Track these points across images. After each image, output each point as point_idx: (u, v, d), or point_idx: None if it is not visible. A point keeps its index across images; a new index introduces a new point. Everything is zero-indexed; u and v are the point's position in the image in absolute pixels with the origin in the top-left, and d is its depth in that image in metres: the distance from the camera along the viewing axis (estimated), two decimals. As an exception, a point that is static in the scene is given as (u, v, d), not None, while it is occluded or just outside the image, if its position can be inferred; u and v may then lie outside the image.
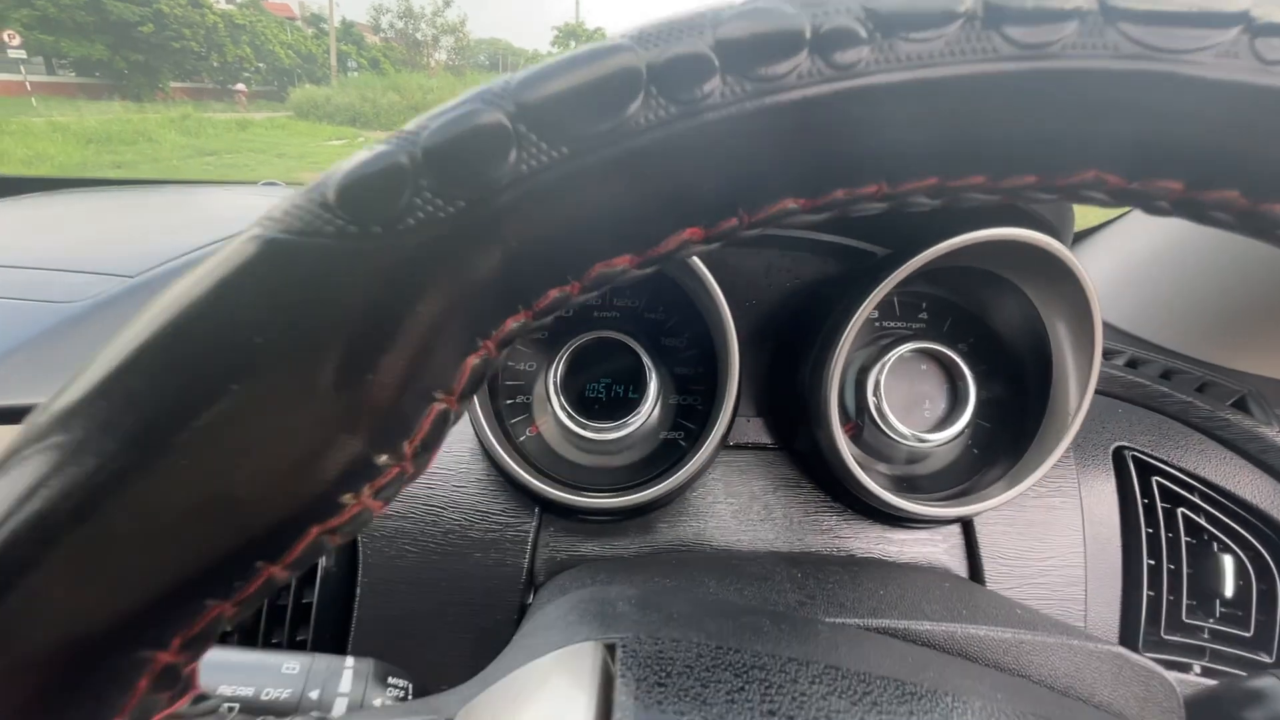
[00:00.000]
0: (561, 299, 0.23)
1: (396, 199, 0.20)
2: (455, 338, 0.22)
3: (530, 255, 0.22)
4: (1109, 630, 0.74)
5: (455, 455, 0.71)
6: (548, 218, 0.21)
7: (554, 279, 0.23)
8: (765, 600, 0.48)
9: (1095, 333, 0.62)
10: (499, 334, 0.23)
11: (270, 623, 0.65)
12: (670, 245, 0.23)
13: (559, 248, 0.22)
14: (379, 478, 0.22)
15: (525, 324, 0.23)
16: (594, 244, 0.22)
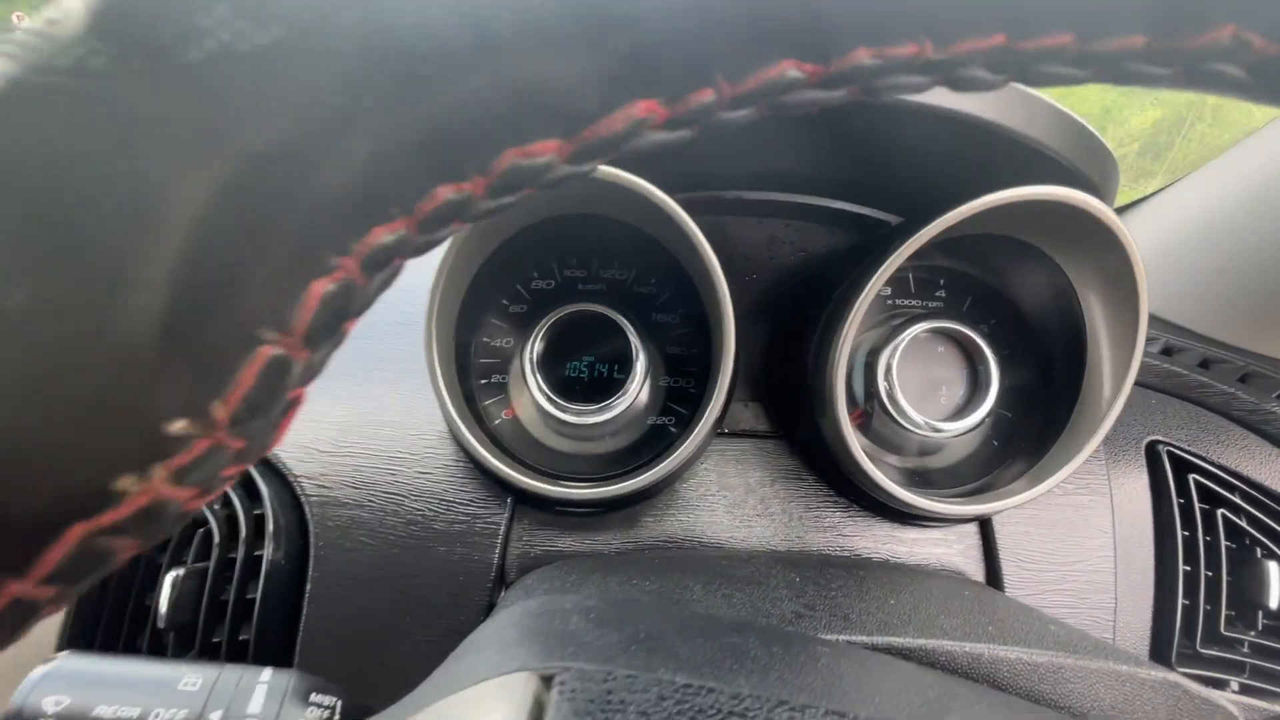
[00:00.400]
0: (458, 203, 0.16)
1: (179, 18, 0.13)
2: (288, 248, 0.15)
3: (401, 127, 0.15)
4: (1139, 642, 0.67)
5: (421, 437, 0.65)
6: (426, 71, 0.15)
7: (441, 170, 0.16)
8: (757, 610, 0.41)
9: (1140, 313, 0.54)
10: (364, 249, 0.16)
11: (211, 620, 0.59)
12: (617, 125, 0.16)
13: (446, 119, 0.15)
14: (176, 453, 0.15)
15: (406, 238, 0.16)
16: (499, 118, 0.15)
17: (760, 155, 0.62)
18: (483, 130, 0.15)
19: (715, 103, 0.16)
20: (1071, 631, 0.43)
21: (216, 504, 0.62)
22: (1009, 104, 0.50)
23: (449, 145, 0.15)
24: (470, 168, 0.15)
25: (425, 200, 0.16)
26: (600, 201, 0.58)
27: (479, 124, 0.15)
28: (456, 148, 0.15)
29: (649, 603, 0.34)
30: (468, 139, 0.15)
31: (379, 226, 0.16)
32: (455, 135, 0.15)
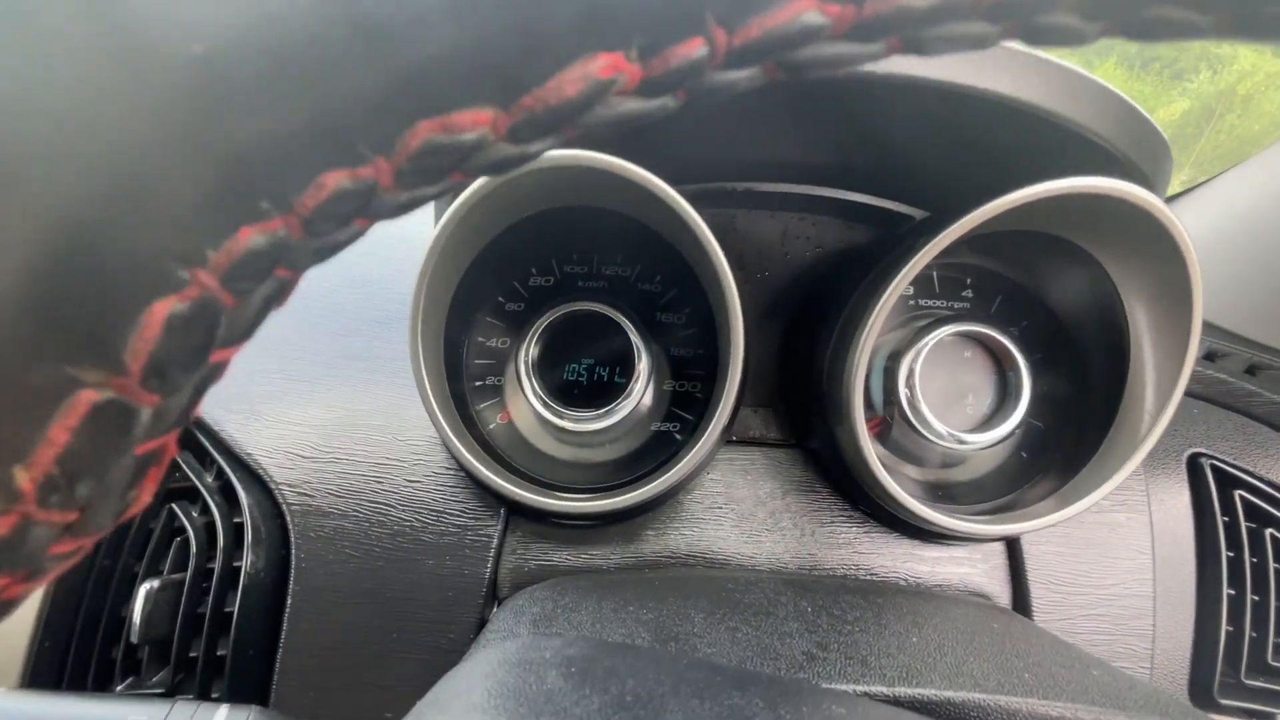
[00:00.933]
0: (356, 194, 0.12)
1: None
2: (107, 258, 0.11)
3: (262, 92, 0.11)
4: (1179, 672, 0.62)
5: (410, 443, 0.61)
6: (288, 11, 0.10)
7: (327, 150, 0.11)
8: (764, 650, 0.37)
9: (1193, 321, 0.49)
10: (226, 258, 0.12)
11: (187, 634, 0.56)
12: (570, 89, 0.12)
13: (326, 80, 0.11)
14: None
15: (287, 241, 0.12)
16: (402, 78, 0.11)
17: (773, 143, 0.57)
18: (380, 95, 0.11)
19: (707, 58, 0.12)
20: (1116, 677, 0.38)
21: (195, 511, 0.59)
22: (1048, 82, 0.44)
23: (338, 117, 0.11)
24: (368, 146, 0.11)
25: (309, 191, 0.11)
26: (599, 193, 0.54)
27: (374, 86, 0.11)
28: (345, 120, 0.11)
29: (640, 650, 0.30)
30: (360, 107, 0.11)
31: (247, 227, 0.11)
32: (341, 102, 0.11)
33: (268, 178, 0.11)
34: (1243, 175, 0.83)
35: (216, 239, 0.11)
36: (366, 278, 0.71)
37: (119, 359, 0.11)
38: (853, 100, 0.49)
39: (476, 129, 0.12)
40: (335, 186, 0.12)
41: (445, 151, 0.12)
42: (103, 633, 0.57)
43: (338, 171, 0.11)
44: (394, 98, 0.11)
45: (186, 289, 0.11)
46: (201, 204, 0.11)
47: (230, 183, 0.11)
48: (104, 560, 0.59)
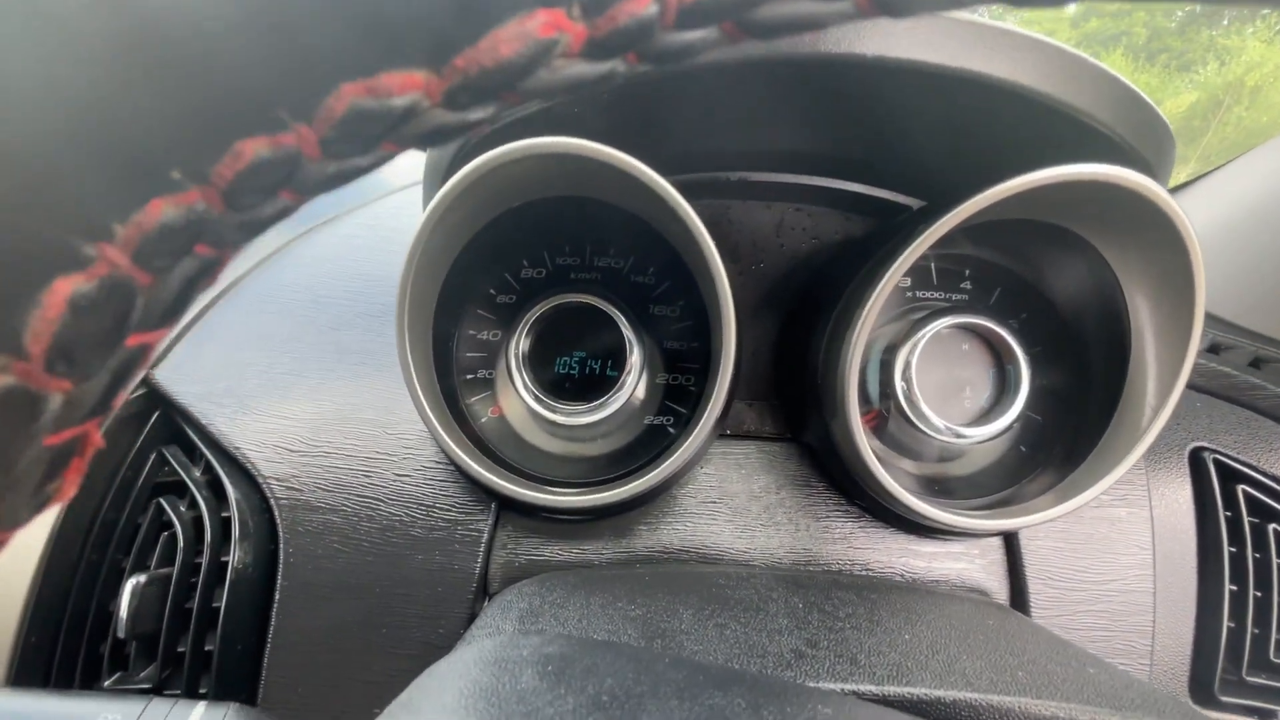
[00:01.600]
0: (277, 163, 0.11)
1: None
2: (6, 227, 0.10)
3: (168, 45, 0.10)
4: (1179, 669, 0.61)
5: (399, 437, 0.60)
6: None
7: (242, 115, 0.11)
8: (751, 648, 0.36)
9: (1195, 313, 0.48)
10: (136, 232, 0.11)
11: (174, 629, 0.55)
12: (507, 49, 0.11)
13: (235, 37, 0.10)
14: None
15: (206, 215, 0.11)
16: (322, 35, 0.10)
17: (768, 132, 0.56)
18: (299, 55, 0.10)
19: (658, 16, 0.11)
20: (1113, 675, 0.37)
21: (182, 505, 0.59)
22: (1048, 65, 0.43)
23: (248, 77, 0.10)
24: (288, 111, 0.10)
25: (225, 161, 0.10)
26: (590, 183, 0.53)
27: (292, 45, 0.10)
28: (261, 81, 0.10)
29: (621, 648, 0.29)
30: (277, 68, 0.10)
31: (158, 199, 0.10)
32: (256, 63, 0.10)
33: (177, 145, 0.10)
34: (1249, 165, 0.82)
35: (123, 212, 0.10)
36: (356, 271, 0.70)
37: (17, 342, 0.10)
38: (848, 86, 0.47)
39: (407, 93, 0.11)
40: (254, 155, 0.11)
41: (374, 118, 0.11)
42: (90, 628, 0.57)
43: (255, 139, 0.11)
44: (313, 59, 0.10)
45: (92, 266, 0.10)
46: (104, 173, 0.10)
47: (135, 150, 0.10)
48: (91, 555, 0.58)
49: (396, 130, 0.11)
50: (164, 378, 0.62)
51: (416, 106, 0.11)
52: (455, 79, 0.11)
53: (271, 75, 0.10)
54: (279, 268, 0.70)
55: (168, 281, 0.12)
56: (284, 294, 0.68)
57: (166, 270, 0.12)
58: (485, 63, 0.11)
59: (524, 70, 0.11)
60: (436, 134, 0.12)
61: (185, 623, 0.56)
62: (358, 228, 0.74)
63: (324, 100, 0.11)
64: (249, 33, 0.10)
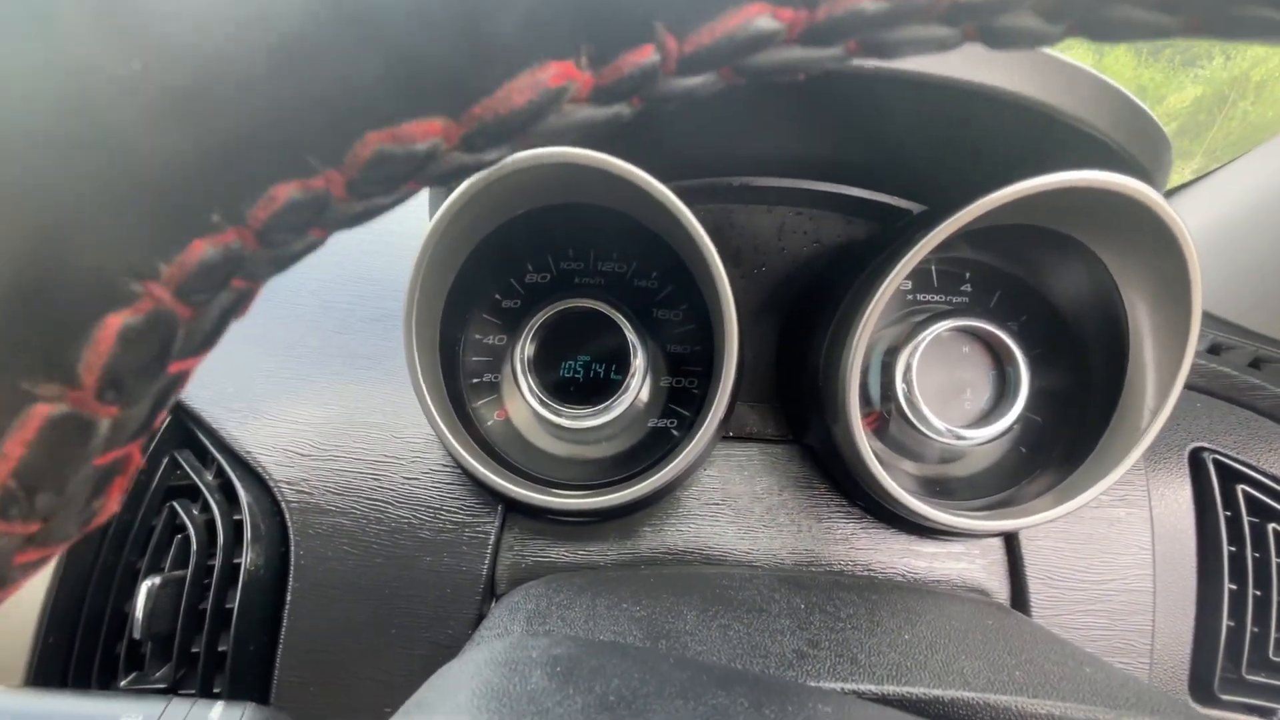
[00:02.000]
0: (308, 205, 0.12)
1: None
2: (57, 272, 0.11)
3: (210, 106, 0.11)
4: (1179, 668, 0.62)
5: (407, 440, 0.61)
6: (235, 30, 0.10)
7: (276, 162, 0.11)
8: (754, 648, 0.37)
9: (1192, 313, 0.49)
10: (179, 271, 0.12)
11: (188, 630, 0.56)
12: (520, 98, 0.12)
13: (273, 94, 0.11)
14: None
15: (242, 253, 0.12)
16: (350, 91, 0.11)
17: (768, 137, 0.57)
18: (328, 108, 0.11)
19: (659, 65, 0.12)
20: (1110, 674, 0.38)
21: (195, 509, 0.60)
22: (1045, 75, 0.44)
23: (282, 129, 0.11)
24: (318, 158, 0.11)
25: (260, 203, 0.11)
26: (593, 190, 0.54)
27: (321, 100, 0.11)
28: (293, 133, 0.11)
29: (627, 649, 0.30)
30: (308, 121, 0.11)
31: (199, 240, 0.11)
32: (289, 116, 0.11)
33: (217, 191, 0.11)
34: (1250, 164, 0.82)
35: (168, 252, 0.11)
36: (365, 276, 0.71)
37: (73, 373, 0.11)
38: (849, 95, 0.48)
39: (428, 139, 0.12)
40: (287, 198, 0.12)
41: (397, 161, 0.12)
42: (106, 629, 0.58)
43: (288, 184, 0.11)
44: (340, 111, 0.11)
45: (139, 302, 0.11)
46: (151, 218, 0.11)
47: (179, 197, 0.11)
48: (107, 557, 0.59)
49: (418, 172, 0.12)
50: (176, 383, 0.63)
51: (436, 150, 0.12)
52: (473, 125, 0.12)
53: (305, 127, 0.11)
54: (286, 275, 0.70)
55: (206, 313, 0.13)
56: (291, 299, 0.69)
57: (205, 304, 0.12)
58: (500, 110, 0.12)
59: (536, 116, 0.12)
60: (455, 173, 0.13)
61: (199, 623, 0.57)
62: (362, 233, 0.75)
63: (351, 147, 0.11)
64: (284, 89, 0.10)
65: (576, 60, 0.11)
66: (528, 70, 0.11)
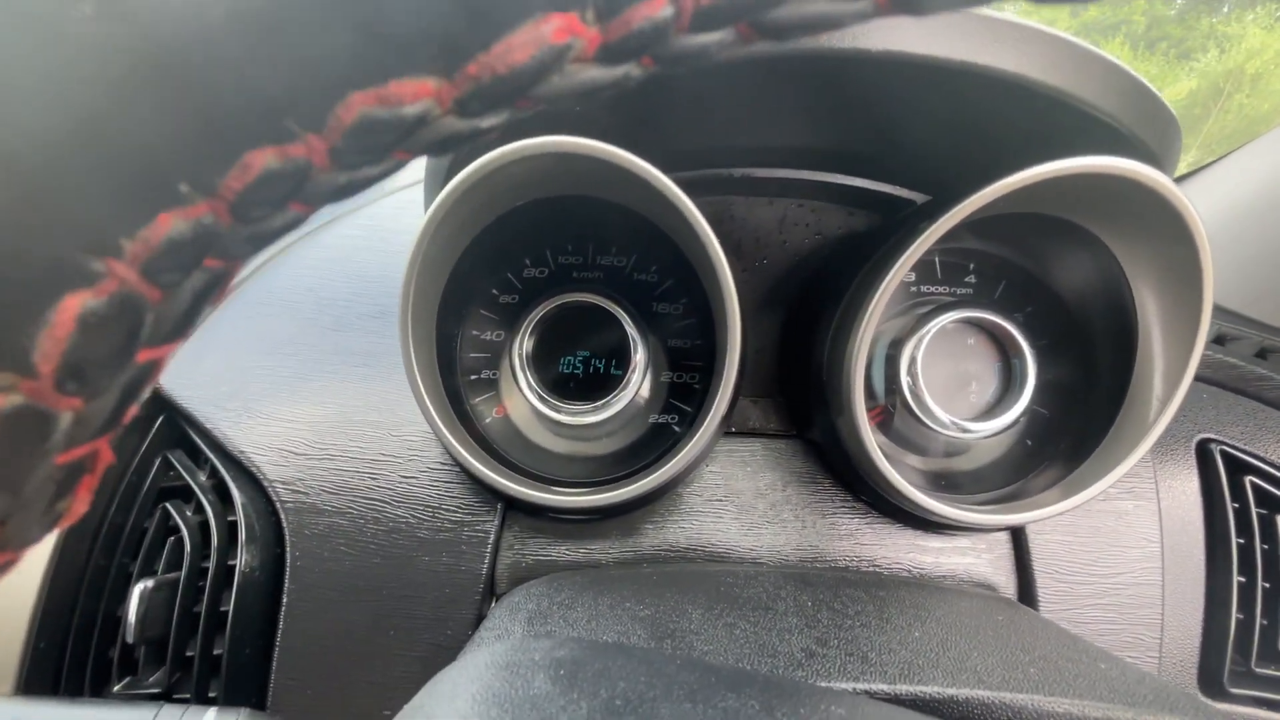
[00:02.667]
0: (287, 175, 0.11)
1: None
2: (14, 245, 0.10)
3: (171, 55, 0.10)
4: (1188, 661, 0.61)
5: (404, 438, 0.60)
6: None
7: (249, 126, 0.10)
8: (762, 647, 0.36)
9: (1204, 302, 0.48)
10: (144, 247, 0.11)
11: (183, 633, 0.55)
12: (520, 55, 0.11)
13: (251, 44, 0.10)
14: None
15: (215, 228, 0.11)
16: (329, 46, 0.10)
17: (771, 127, 0.56)
18: (307, 66, 0.10)
19: (673, 19, 0.11)
20: (1125, 670, 0.37)
21: (188, 510, 0.59)
22: (1051, 57, 0.43)
23: (255, 89, 0.10)
24: (296, 122, 0.10)
25: (233, 173, 0.10)
26: (592, 181, 0.52)
27: (299, 56, 0.10)
28: (268, 93, 0.10)
29: (632, 651, 0.29)
30: (284, 80, 0.10)
31: (166, 213, 0.10)
32: (263, 75, 0.10)
33: (184, 158, 0.10)
34: (1253, 154, 0.82)
35: (132, 227, 0.10)
36: (360, 272, 0.70)
37: (27, 361, 0.10)
38: (852, 81, 0.47)
39: (418, 101, 0.11)
40: (263, 167, 0.10)
41: (385, 127, 0.11)
42: (99, 633, 0.57)
43: (264, 150, 0.10)
44: (320, 67, 0.10)
45: (101, 282, 0.10)
46: (110, 189, 0.10)
47: (142, 164, 0.10)
48: (99, 560, 0.58)
49: (408, 139, 0.11)
50: (168, 382, 0.61)
51: (428, 114, 0.11)
52: (468, 86, 0.11)
53: (279, 85, 0.10)
54: (281, 270, 0.70)
55: (177, 295, 0.12)
56: (286, 296, 0.68)
57: (176, 285, 0.11)
58: (498, 69, 0.10)
59: (537, 76, 0.11)
60: (449, 141, 0.12)
61: (193, 627, 0.56)
62: (359, 229, 0.74)
63: (333, 110, 0.10)
64: (254, 43, 0.09)
65: (582, 12, 0.10)
66: (528, 23, 0.10)
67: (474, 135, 0.12)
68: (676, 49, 0.11)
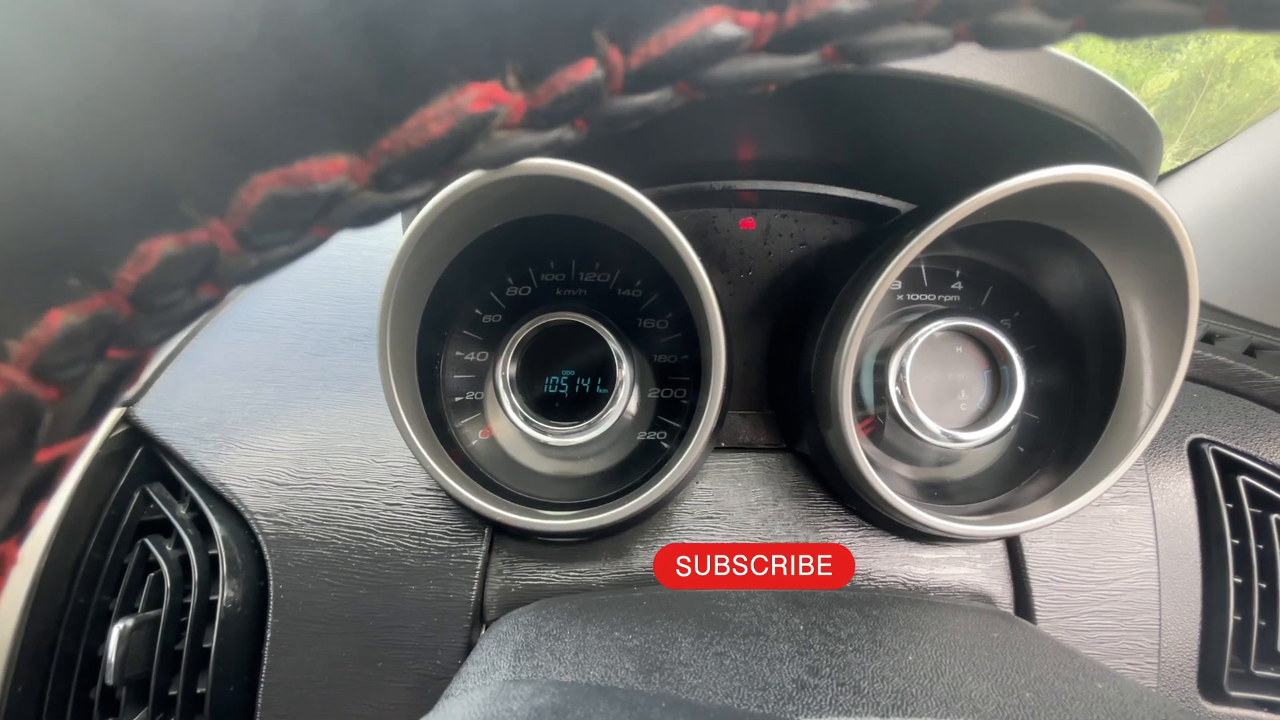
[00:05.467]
0: (192, 260, 0.10)
1: None
2: None
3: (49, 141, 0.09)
4: (1187, 665, 0.61)
5: (388, 464, 0.59)
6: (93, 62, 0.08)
7: (146, 214, 0.09)
8: (752, 679, 0.35)
9: (1189, 305, 0.47)
10: (33, 347, 0.10)
11: (165, 672, 0.54)
12: (437, 127, 0.10)
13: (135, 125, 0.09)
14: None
15: (113, 319, 0.10)
16: (230, 125, 0.09)
17: (751, 140, 0.55)
18: (202, 146, 0.09)
19: (603, 82, 0.10)
20: (1123, 689, 0.36)
21: (168, 545, 0.57)
22: (1029, 68, 0.42)
23: (142, 174, 0.09)
24: (194, 207, 0.09)
25: (127, 265, 0.09)
26: (569, 201, 0.52)
27: (192, 136, 0.09)
28: (158, 178, 0.09)
29: (615, 694, 0.28)
30: (174, 162, 0.09)
31: (56, 309, 0.09)
32: (149, 157, 0.09)
33: (69, 251, 0.09)
34: (1237, 149, 0.81)
35: (16, 328, 0.09)
36: (340, 294, 0.69)
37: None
38: (833, 95, 0.47)
39: (330, 179, 0.10)
40: (161, 255, 0.10)
41: (294, 206, 0.10)
42: (78, 674, 0.56)
43: (161, 239, 0.09)
44: (215, 149, 0.09)
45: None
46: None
47: (21, 259, 0.09)
48: (78, 598, 0.57)
49: (323, 216, 0.10)
50: (144, 414, 0.60)
51: (343, 191, 0.10)
52: (383, 161, 0.10)
53: (172, 170, 0.09)
54: (259, 295, 0.69)
55: (79, 391, 0.11)
56: (265, 321, 0.67)
57: (77, 380, 0.10)
58: (414, 144, 0.10)
59: (459, 147, 0.10)
60: (371, 215, 0.11)
61: (176, 665, 0.54)
62: (338, 249, 0.73)
63: (235, 192, 0.09)
64: (141, 124, 0.09)
65: (502, 80, 0.09)
66: (444, 94, 0.09)
67: (399, 207, 0.11)
68: (611, 111, 0.11)
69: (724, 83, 0.11)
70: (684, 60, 0.10)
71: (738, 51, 0.10)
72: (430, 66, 0.09)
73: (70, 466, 0.12)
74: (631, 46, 0.10)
